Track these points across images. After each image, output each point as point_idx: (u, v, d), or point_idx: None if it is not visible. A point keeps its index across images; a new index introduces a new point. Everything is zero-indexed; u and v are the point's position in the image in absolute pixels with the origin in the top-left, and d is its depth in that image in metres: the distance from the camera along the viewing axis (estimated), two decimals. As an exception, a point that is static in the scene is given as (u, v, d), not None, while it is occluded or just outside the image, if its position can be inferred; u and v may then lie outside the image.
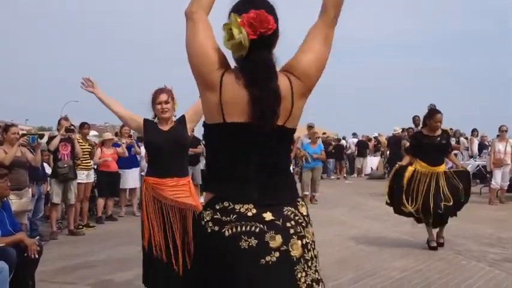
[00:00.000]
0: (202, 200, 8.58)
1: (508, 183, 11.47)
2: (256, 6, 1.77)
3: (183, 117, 4.28)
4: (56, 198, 7.95)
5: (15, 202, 5.99)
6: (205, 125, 1.86)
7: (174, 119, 4.31)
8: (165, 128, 4.22)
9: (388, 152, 18.71)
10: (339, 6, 1.88)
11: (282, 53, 1.88)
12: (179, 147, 4.17)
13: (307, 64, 1.83)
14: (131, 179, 10.36)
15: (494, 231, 7.68)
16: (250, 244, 1.71)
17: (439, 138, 6.70)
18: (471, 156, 14.85)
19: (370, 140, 22.16)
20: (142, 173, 10.28)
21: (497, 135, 12.12)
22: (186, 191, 4.09)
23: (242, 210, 1.75)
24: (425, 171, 6.61)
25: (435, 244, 6.61)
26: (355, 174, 20.78)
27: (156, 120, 4.30)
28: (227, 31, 1.75)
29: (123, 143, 10.04)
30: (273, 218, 1.76)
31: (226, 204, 1.76)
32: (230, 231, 1.73)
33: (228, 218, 1.74)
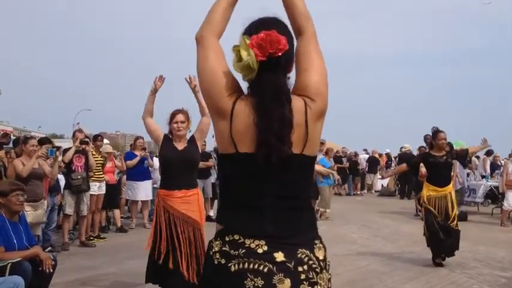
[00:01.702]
0: (212, 213, 8.83)
1: (521, 205, 11.36)
2: (267, 27, 1.69)
3: (193, 138, 4.80)
4: (69, 210, 8.01)
5: (30, 214, 6.05)
6: (218, 154, 1.79)
7: (187, 136, 4.80)
8: (180, 146, 4.69)
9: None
10: (309, 18, 1.81)
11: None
12: (189, 166, 4.67)
13: (316, 82, 1.75)
14: (143, 191, 10.40)
15: (506, 255, 7.61)
16: (256, 284, 1.58)
17: (445, 157, 6.96)
18: (483, 176, 14.74)
19: (381, 156, 22.11)
20: (155, 185, 10.36)
21: (510, 155, 12.06)
22: (194, 204, 4.54)
23: (252, 246, 1.62)
24: (435, 195, 6.81)
25: (440, 261, 6.80)
26: (365, 191, 20.71)
27: (171, 136, 4.76)
28: (236, 53, 1.68)
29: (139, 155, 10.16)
30: (284, 259, 1.61)
31: (236, 237, 1.64)
32: (236, 266, 1.61)
33: (236, 252, 1.62)
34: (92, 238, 8.71)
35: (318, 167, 11.84)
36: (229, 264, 1.62)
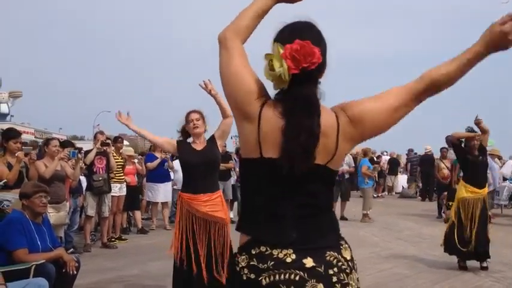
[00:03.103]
0: (231, 215, 8.80)
1: (546, 207, 11.17)
2: (302, 36, 1.63)
3: (213, 137, 4.69)
4: (91, 211, 8.07)
5: (53, 215, 6.09)
6: (241, 159, 1.75)
7: (206, 137, 4.71)
8: (198, 147, 4.63)
9: (419, 171, 18.45)
10: (436, 89, 1.70)
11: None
12: (211, 166, 4.60)
13: (369, 110, 1.68)
14: (163, 193, 10.44)
15: (532, 258, 7.47)
16: None
17: (480, 157, 6.79)
18: (505, 179, 14.51)
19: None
20: (175, 187, 10.39)
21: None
22: (218, 205, 4.50)
23: (280, 256, 1.59)
24: (472, 197, 6.61)
25: (465, 264, 6.70)
26: (386, 192, 20.52)
27: (189, 139, 4.73)
28: (268, 62, 1.65)
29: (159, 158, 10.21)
30: (314, 264, 1.60)
31: (263, 249, 1.61)
32: (268, 279, 1.58)
33: (266, 265, 1.59)
34: (113, 239, 8.76)
35: (363, 169, 12.29)
36: (259, 279, 1.60)
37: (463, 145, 6.94)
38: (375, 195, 19.27)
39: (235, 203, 11.66)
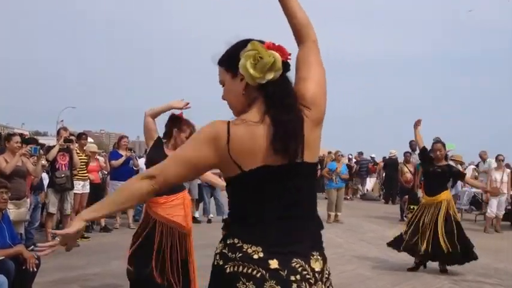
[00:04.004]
0: (197, 214, 8.70)
1: (504, 212, 11.49)
2: (262, 42, 1.76)
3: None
4: (52, 208, 7.91)
5: (13, 212, 5.96)
6: (225, 178, 1.79)
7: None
8: (169, 152, 4.38)
9: (383, 174, 18.76)
10: (310, 26, 1.87)
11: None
12: None
13: (314, 91, 1.78)
14: (127, 191, 10.29)
15: (490, 262, 7.66)
16: None
17: (439, 170, 6.87)
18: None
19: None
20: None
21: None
22: (178, 209, 4.32)
23: (249, 251, 1.66)
24: (428, 202, 6.85)
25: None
26: (351, 195, 20.74)
27: (164, 140, 4.52)
28: (253, 56, 1.70)
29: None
30: (278, 267, 1.64)
31: (236, 241, 1.69)
32: (231, 269, 1.66)
33: (234, 256, 1.67)
34: (75, 237, 8.58)
35: (324, 171, 12.64)
36: (225, 266, 1.68)
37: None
38: (348, 197, 19.52)
39: (201, 204, 11.63)
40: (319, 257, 1.75)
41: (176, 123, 4.47)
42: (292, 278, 1.65)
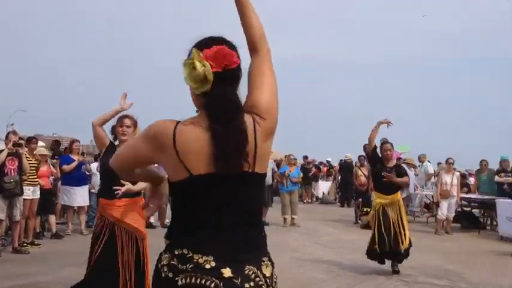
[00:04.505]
0: (152, 219, 8.59)
1: (454, 214, 11.82)
2: (217, 43, 1.73)
3: None
4: (1, 214, 7.63)
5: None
6: (170, 183, 1.76)
7: None
8: None
9: (339, 178, 19.01)
10: (264, 38, 1.87)
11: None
12: None
13: (267, 101, 1.78)
14: (80, 196, 10.08)
15: (441, 263, 7.86)
16: None
17: (393, 170, 7.05)
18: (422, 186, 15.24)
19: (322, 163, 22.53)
20: (93, 190, 10.07)
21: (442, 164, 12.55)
22: (135, 214, 4.35)
23: (200, 261, 1.63)
24: (385, 202, 6.95)
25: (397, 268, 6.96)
26: (307, 198, 20.93)
27: (116, 143, 4.57)
28: (188, 66, 1.69)
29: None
30: (231, 275, 1.63)
31: (185, 251, 1.65)
32: (183, 281, 1.62)
33: (184, 267, 1.63)
34: (25, 244, 8.33)
35: (276, 175, 12.92)
36: (176, 278, 1.64)
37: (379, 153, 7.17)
38: (305, 201, 19.67)
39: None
40: (268, 263, 1.76)
41: (117, 121, 4.56)
42: (247, 285, 1.65)
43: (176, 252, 1.67)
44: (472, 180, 15.28)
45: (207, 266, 1.63)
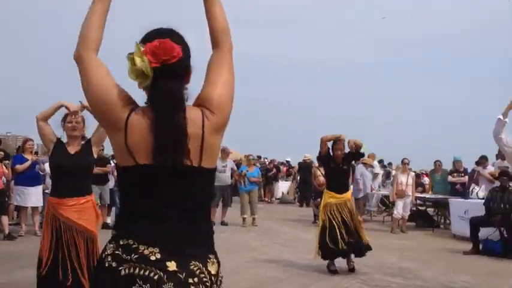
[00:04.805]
0: (109, 220, 8.50)
1: (409, 213, 12.08)
2: (162, 36, 1.71)
3: (89, 141, 4.48)
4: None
5: None
6: (118, 167, 1.75)
7: (81, 142, 4.50)
8: (72, 150, 4.40)
9: (298, 178, 19.16)
10: (227, 33, 1.86)
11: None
12: (84, 171, 4.39)
13: (220, 95, 1.77)
14: (34, 196, 9.83)
15: (396, 261, 8.02)
16: None
17: (344, 166, 7.21)
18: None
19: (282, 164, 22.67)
20: (47, 191, 9.83)
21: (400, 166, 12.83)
22: (86, 213, 4.29)
23: (146, 252, 1.61)
24: (335, 201, 6.95)
25: (335, 268, 6.99)
26: (266, 198, 21.01)
27: (65, 140, 4.47)
28: (130, 60, 1.68)
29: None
30: (176, 269, 1.62)
31: (131, 242, 1.63)
32: (127, 271, 1.60)
33: (129, 257, 1.61)
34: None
35: (234, 174, 12.90)
36: (119, 268, 1.61)
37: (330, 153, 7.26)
38: (266, 201, 19.73)
39: (113, 208, 11.32)
40: (214, 260, 1.75)
41: (64, 117, 4.46)
42: (191, 280, 1.63)
43: (121, 242, 1.65)
44: (426, 180, 15.66)
45: (152, 258, 1.61)
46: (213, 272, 1.71)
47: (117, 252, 1.64)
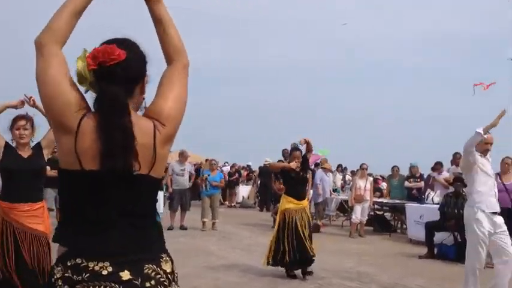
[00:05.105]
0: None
1: (367, 218, 12.25)
2: (112, 42, 1.72)
3: (39, 145, 4.44)
4: None
5: None
6: (60, 169, 1.69)
7: (31, 144, 4.44)
8: (24, 154, 4.34)
9: (259, 182, 19.18)
10: (182, 51, 1.88)
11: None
12: (36, 175, 4.33)
13: (170, 108, 1.77)
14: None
15: (353, 265, 8.11)
16: None
17: (301, 173, 7.32)
18: (335, 190, 15.67)
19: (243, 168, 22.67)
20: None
21: (356, 170, 13.03)
22: (39, 217, 4.25)
23: (96, 268, 1.58)
24: (294, 207, 7.01)
25: (294, 273, 7.00)
26: (227, 202, 20.96)
27: (14, 145, 4.40)
28: (76, 63, 1.69)
29: None
30: (131, 277, 1.60)
31: (79, 261, 1.59)
32: None
33: (80, 277, 1.57)
34: None
35: (199, 179, 12.93)
36: None
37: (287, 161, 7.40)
38: (229, 205, 19.64)
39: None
40: (167, 259, 1.74)
41: (11, 124, 4.36)
42: (147, 284, 1.63)
43: (69, 264, 1.60)
44: (384, 185, 15.92)
45: (104, 272, 1.58)
46: (168, 271, 1.71)
47: (67, 274, 1.59)
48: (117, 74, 1.67)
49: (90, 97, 1.73)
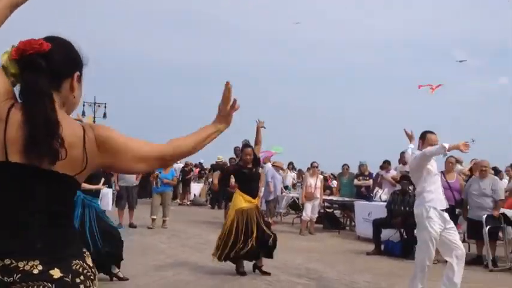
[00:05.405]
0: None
1: (317, 215, 12.41)
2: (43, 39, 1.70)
3: None
4: None
5: None
6: None
7: None
8: None
9: (211, 180, 19.10)
10: (181, 156, 1.98)
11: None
12: None
13: (116, 140, 1.74)
14: None
15: (302, 262, 8.20)
16: None
17: (253, 169, 7.38)
18: (286, 187, 15.81)
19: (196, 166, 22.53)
20: None
21: (308, 169, 13.19)
22: None
23: (27, 268, 1.56)
24: (248, 206, 7.04)
25: (244, 270, 7.06)
26: (178, 200, 20.79)
27: None
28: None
29: None
30: (61, 274, 1.60)
31: (7, 262, 1.56)
32: None
33: (12, 279, 1.55)
34: None
35: (151, 176, 12.49)
36: None
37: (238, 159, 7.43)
38: (181, 202, 19.46)
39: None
40: (88, 253, 1.77)
41: None
42: (78, 280, 1.64)
43: None
44: (334, 183, 16.19)
45: (35, 271, 1.57)
46: (91, 265, 1.74)
47: None
48: (40, 64, 1.66)
49: (17, 89, 1.72)
